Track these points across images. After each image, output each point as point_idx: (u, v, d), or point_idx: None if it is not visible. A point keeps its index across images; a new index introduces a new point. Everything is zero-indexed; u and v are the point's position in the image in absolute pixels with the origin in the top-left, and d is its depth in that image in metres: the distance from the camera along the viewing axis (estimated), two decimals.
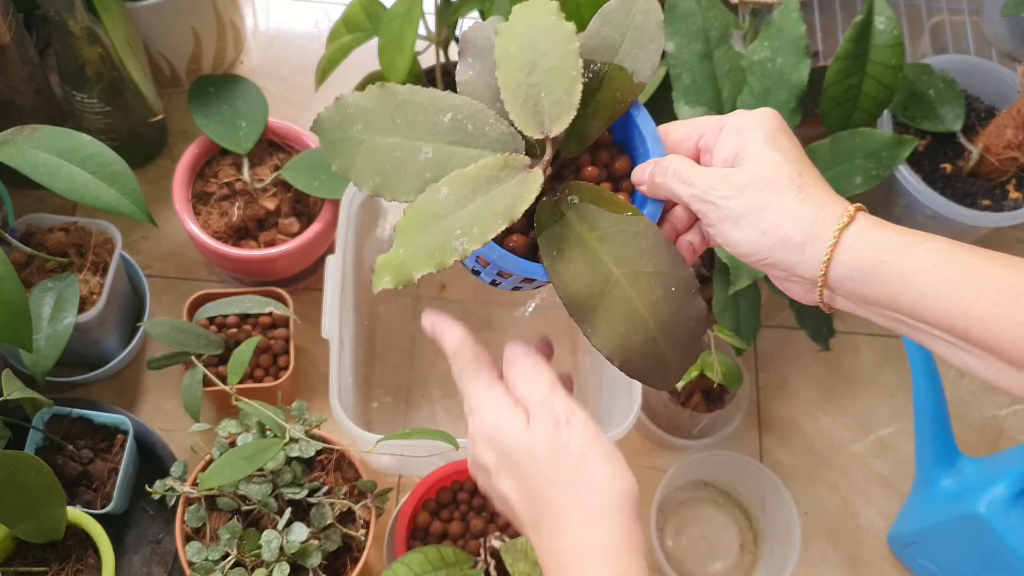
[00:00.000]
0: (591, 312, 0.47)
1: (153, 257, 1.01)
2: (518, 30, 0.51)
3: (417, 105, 0.49)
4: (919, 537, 0.89)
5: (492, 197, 0.46)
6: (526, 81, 0.49)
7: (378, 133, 0.49)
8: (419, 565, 0.66)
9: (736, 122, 0.48)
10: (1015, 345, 0.40)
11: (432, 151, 0.49)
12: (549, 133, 0.48)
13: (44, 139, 0.72)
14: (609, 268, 0.48)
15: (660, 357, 0.48)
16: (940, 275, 0.42)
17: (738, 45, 0.82)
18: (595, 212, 0.49)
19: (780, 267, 0.47)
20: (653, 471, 0.96)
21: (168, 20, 1.00)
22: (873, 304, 0.45)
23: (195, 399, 0.81)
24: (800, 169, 0.46)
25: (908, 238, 0.44)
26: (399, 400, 0.98)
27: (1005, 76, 0.96)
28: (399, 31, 0.81)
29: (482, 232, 0.44)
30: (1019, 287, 0.40)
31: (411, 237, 0.45)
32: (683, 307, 0.48)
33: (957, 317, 0.42)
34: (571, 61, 0.49)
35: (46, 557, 0.78)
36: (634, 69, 0.52)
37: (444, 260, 0.44)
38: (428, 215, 0.45)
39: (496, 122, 0.50)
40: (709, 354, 0.85)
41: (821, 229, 0.45)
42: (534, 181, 0.46)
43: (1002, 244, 1.12)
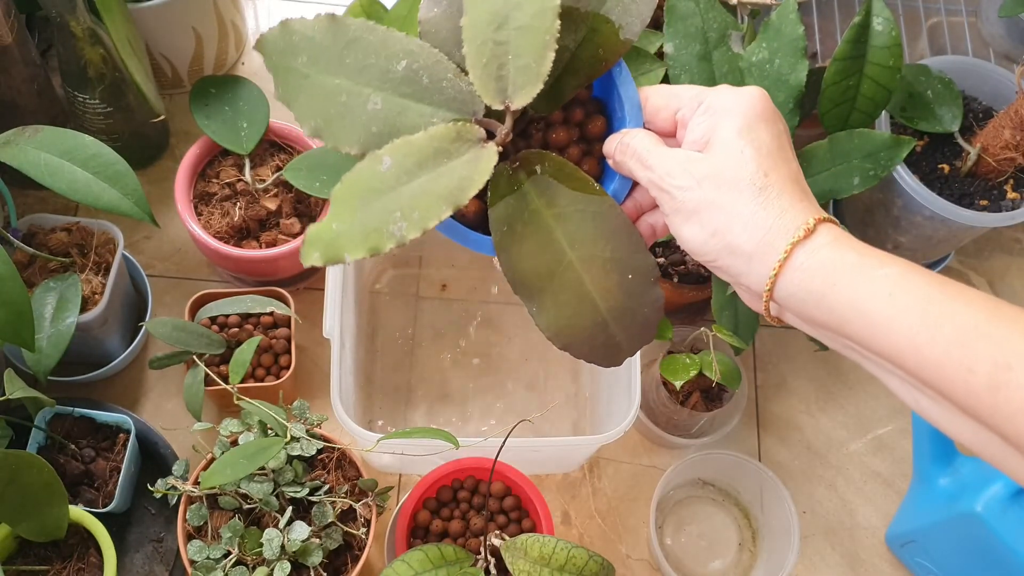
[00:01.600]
0: (538, 292, 0.44)
1: (155, 257, 1.02)
2: None
3: (369, 45, 0.44)
4: (917, 536, 0.89)
5: (439, 175, 0.41)
6: (493, 37, 0.43)
7: (324, 71, 0.44)
8: (419, 563, 0.67)
9: (715, 100, 0.44)
10: (967, 394, 0.36)
11: (381, 101, 0.44)
12: (511, 104, 0.43)
13: (46, 140, 0.72)
14: (563, 249, 0.44)
15: (610, 340, 0.45)
16: (895, 305, 0.38)
17: (737, 46, 0.82)
18: (555, 187, 0.45)
19: (726, 273, 0.43)
20: (652, 470, 0.97)
21: (170, 21, 1.00)
22: (821, 327, 0.41)
23: (197, 398, 0.82)
24: (768, 167, 0.42)
25: (868, 260, 0.39)
26: (399, 399, 0.99)
27: (1003, 77, 0.96)
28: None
29: (423, 217, 0.40)
30: (978, 329, 0.36)
31: (347, 212, 0.40)
32: (638, 294, 0.45)
33: (908, 353, 0.38)
34: (547, 21, 0.43)
35: (48, 556, 0.79)
36: (622, 23, 0.46)
37: (379, 246, 0.39)
38: (367, 188, 0.40)
39: (455, 78, 0.44)
40: (708, 353, 0.86)
41: (773, 240, 0.41)
42: (487, 160, 0.42)
43: (1000, 244, 1.13)
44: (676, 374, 0.85)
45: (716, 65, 0.81)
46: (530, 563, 0.65)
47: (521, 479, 0.80)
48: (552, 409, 0.99)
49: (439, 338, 1.02)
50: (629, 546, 0.93)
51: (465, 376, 1.00)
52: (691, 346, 0.92)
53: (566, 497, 0.95)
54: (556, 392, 1.00)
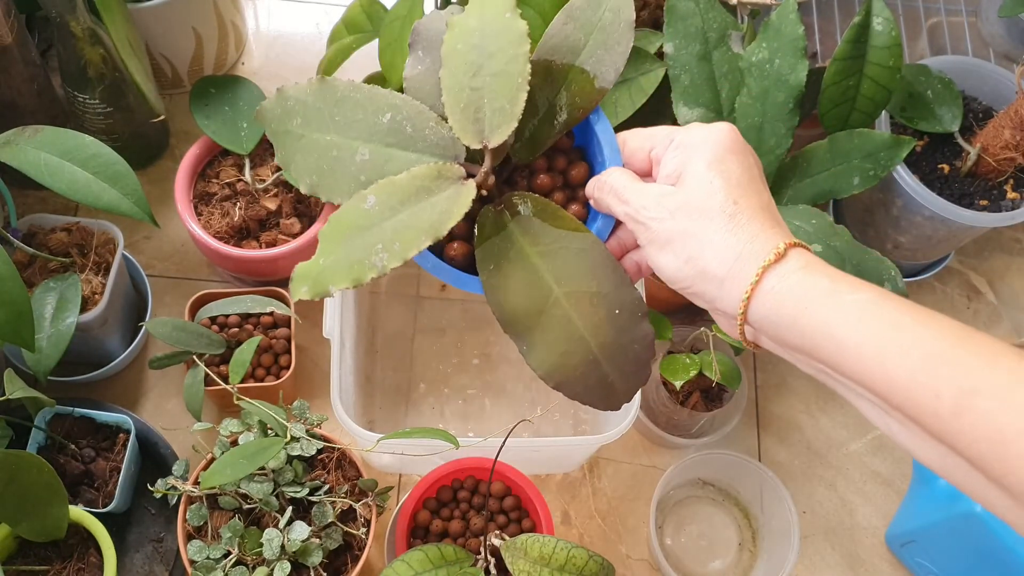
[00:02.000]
0: (527, 331, 0.45)
1: (155, 257, 1.02)
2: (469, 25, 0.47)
3: (356, 102, 0.47)
4: (917, 536, 0.89)
5: (419, 210, 0.43)
6: (469, 84, 0.46)
7: (316, 129, 0.47)
8: (419, 563, 0.67)
9: (685, 137, 0.46)
10: (934, 418, 0.37)
11: (369, 152, 0.46)
12: (488, 143, 0.45)
13: (46, 140, 0.72)
14: (549, 285, 0.45)
15: (603, 380, 0.46)
16: (864, 331, 0.39)
17: (737, 46, 0.82)
18: (539, 226, 0.46)
19: (702, 298, 0.45)
20: (652, 470, 0.97)
21: (170, 21, 1.01)
22: (795, 351, 0.42)
23: (197, 398, 0.82)
24: (738, 196, 0.43)
25: (839, 286, 0.40)
26: (399, 399, 0.99)
27: (1003, 77, 0.96)
28: (400, 32, 0.82)
29: (403, 249, 0.42)
30: (944, 355, 0.37)
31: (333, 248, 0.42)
32: (627, 330, 0.45)
33: (878, 377, 0.38)
34: (519, 66, 0.46)
35: (48, 556, 0.79)
36: (597, 73, 0.49)
37: (362, 276, 0.41)
38: (352, 225, 0.43)
39: (437, 125, 0.47)
40: (708, 353, 0.86)
41: (744, 265, 0.42)
42: (466, 196, 0.44)
43: (999, 244, 1.13)
44: (676, 374, 0.85)
45: (716, 65, 0.81)
46: (530, 563, 0.65)
47: (521, 479, 0.80)
48: (552, 409, 0.99)
49: (439, 338, 1.02)
50: (629, 546, 0.93)
51: (465, 376, 1.00)
52: (691, 346, 0.92)
53: (566, 497, 0.95)
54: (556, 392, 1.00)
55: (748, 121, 0.80)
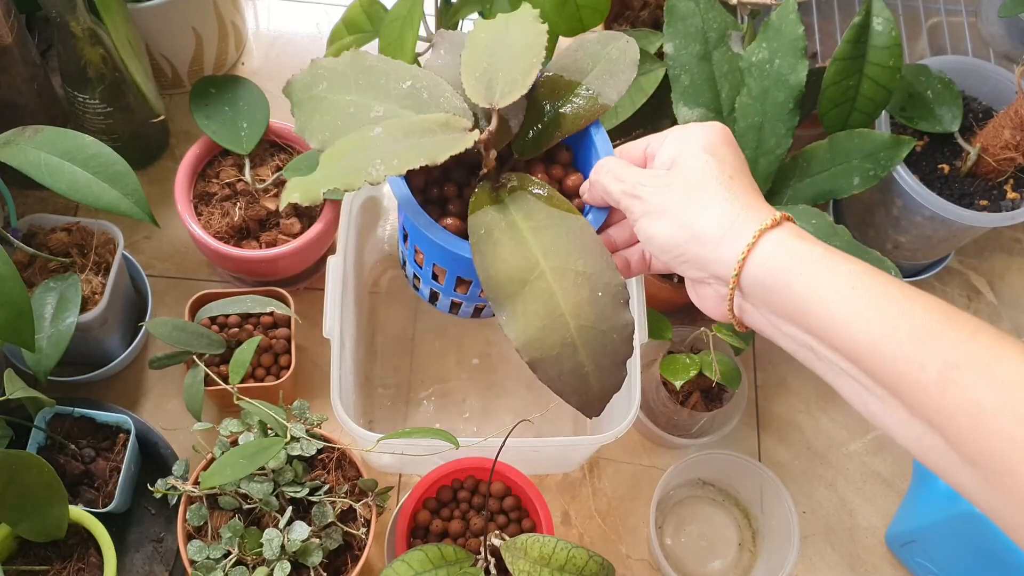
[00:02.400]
0: (509, 299, 0.46)
1: (155, 257, 1.02)
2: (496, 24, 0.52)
3: (381, 71, 0.50)
4: (917, 536, 0.89)
5: (422, 142, 0.45)
6: (487, 60, 0.50)
7: (338, 91, 0.50)
8: (419, 563, 0.67)
9: (681, 131, 0.48)
10: (916, 389, 0.38)
11: (384, 111, 0.49)
12: (496, 104, 0.48)
13: (46, 140, 0.72)
14: (536, 257, 0.46)
15: (578, 368, 0.46)
16: (856, 298, 0.40)
17: (737, 46, 0.82)
18: (533, 203, 0.48)
19: (694, 264, 0.45)
20: (652, 470, 0.97)
21: (170, 21, 1.01)
22: (784, 319, 0.43)
23: (197, 398, 0.82)
24: (732, 174, 0.45)
25: (832, 256, 0.42)
26: (399, 399, 0.99)
27: (1003, 77, 0.96)
28: (400, 32, 0.82)
29: (400, 162, 0.43)
30: (933, 329, 0.38)
31: (331, 163, 0.44)
32: (608, 315, 0.46)
33: (864, 347, 0.40)
34: (535, 50, 0.49)
35: (48, 556, 0.79)
36: (600, 92, 0.53)
37: (353, 181, 0.42)
38: (353, 146, 0.45)
39: (452, 96, 0.50)
40: (708, 354, 0.86)
41: (740, 228, 0.43)
42: (467, 140, 0.46)
43: (999, 244, 1.13)
44: (676, 374, 0.85)
45: (716, 65, 0.81)
46: (530, 563, 0.65)
47: (521, 479, 0.80)
48: (552, 409, 0.99)
49: (439, 338, 1.02)
50: (629, 546, 0.93)
51: (465, 376, 1.00)
52: (691, 346, 0.92)
53: (566, 497, 0.95)
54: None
55: (748, 121, 0.80)
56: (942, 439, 0.38)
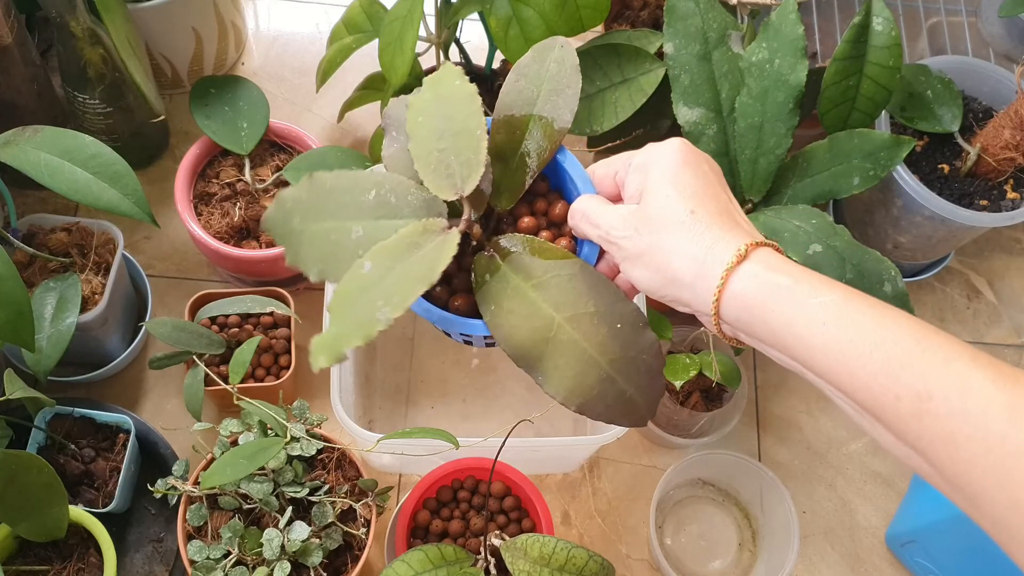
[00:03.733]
0: (538, 360, 0.47)
1: (155, 257, 1.02)
2: (426, 99, 0.52)
3: (343, 189, 0.51)
4: (917, 536, 0.89)
5: (411, 264, 0.46)
6: (436, 147, 0.50)
7: (313, 221, 0.50)
8: (419, 563, 0.67)
9: (641, 158, 0.49)
10: (896, 419, 0.39)
11: (362, 229, 0.50)
12: (463, 192, 0.49)
13: (46, 140, 0.72)
14: (550, 314, 0.48)
15: (621, 395, 0.47)
16: (828, 333, 0.40)
17: (736, 46, 0.82)
18: (528, 261, 0.49)
19: (680, 303, 0.47)
20: (652, 470, 0.97)
21: (170, 21, 1.01)
22: (770, 347, 0.44)
23: (197, 398, 0.82)
24: (694, 205, 0.45)
25: (801, 287, 0.42)
26: (399, 399, 0.99)
27: (1003, 77, 0.96)
28: (400, 32, 0.82)
29: (402, 299, 0.44)
30: (903, 359, 0.38)
31: (341, 316, 0.45)
32: (632, 342, 0.47)
33: (843, 379, 0.40)
34: (474, 121, 0.50)
35: (48, 556, 0.79)
36: (553, 116, 0.53)
37: (370, 332, 0.44)
38: (353, 291, 0.46)
39: (417, 191, 0.51)
40: (708, 354, 0.86)
41: (709, 269, 0.44)
42: (451, 242, 0.47)
43: (1000, 244, 1.13)
44: (676, 374, 0.85)
45: (716, 65, 0.81)
46: (530, 563, 0.65)
47: (521, 479, 0.80)
48: (552, 409, 0.99)
49: (439, 338, 1.02)
50: (629, 546, 0.93)
51: (465, 376, 1.00)
52: (691, 346, 0.92)
53: (566, 497, 0.95)
54: None
55: (748, 121, 0.80)
56: (927, 463, 0.39)
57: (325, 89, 1.00)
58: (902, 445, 0.40)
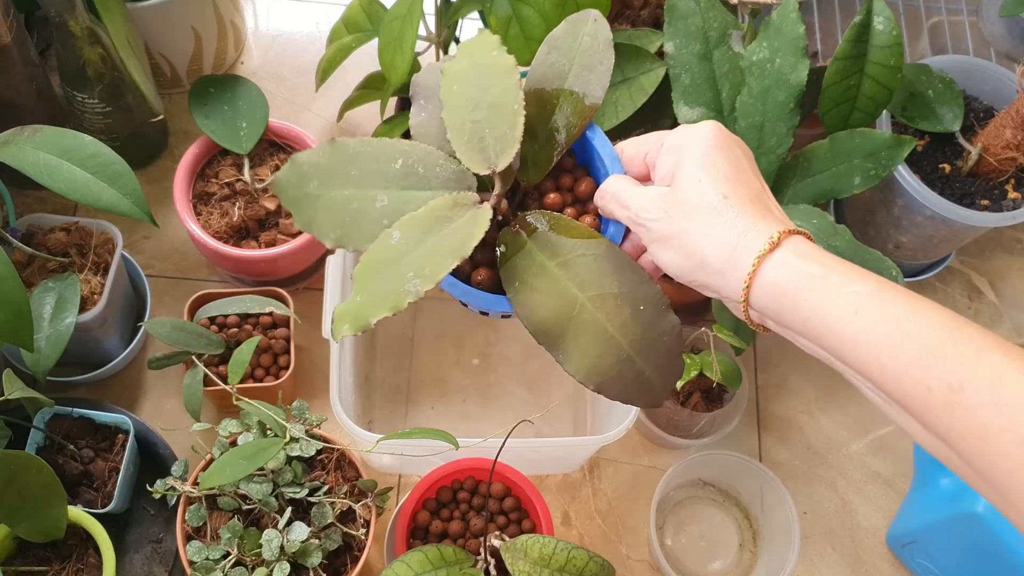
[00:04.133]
0: (559, 339, 0.47)
1: (154, 257, 1.02)
2: (461, 67, 0.51)
3: (368, 156, 0.50)
4: (918, 536, 0.89)
5: (442, 237, 0.46)
6: (470, 119, 0.49)
7: (334, 187, 0.49)
8: (419, 564, 0.66)
9: (674, 139, 0.48)
10: (926, 410, 0.39)
11: (387, 198, 0.49)
12: (496, 167, 0.48)
13: (45, 139, 0.72)
14: (573, 293, 0.47)
15: (639, 376, 0.47)
16: (860, 323, 0.40)
17: (737, 46, 0.82)
18: (555, 239, 0.49)
19: (708, 288, 0.46)
20: (652, 470, 0.96)
21: (169, 20, 1.00)
22: (799, 335, 0.44)
23: (196, 399, 0.81)
24: (727, 190, 0.45)
25: (833, 276, 0.42)
26: (399, 400, 0.98)
27: (1004, 76, 0.96)
28: (399, 32, 0.82)
29: (433, 272, 0.44)
30: (936, 350, 0.38)
31: (367, 284, 0.45)
32: (654, 324, 0.47)
33: (874, 368, 0.40)
34: (512, 95, 0.49)
35: (47, 556, 0.79)
36: (585, 92, 0.52)
37: (399, 303, 0.43)
38: (382, 261, 0.45)
39: (446, 162, 0.50)
40: (708, 354, 0.85)
41: (741, 256, 0.44)
42: (483, 217, 0.46)
43: (1001, 244, 1.13)
44: None
45: (717, 64, 0.81)
46: (530, 564, 0.65)
47: (521, 480, 0.80)
48: (552, 409, 0.99)
49: (439, 338, 1.02)
50: (629, 547, 0.93)
51: (465, 376, 1.00)
52: (692, 346, 0.92)
53: (566, 498, 0.95)
54: (556, 392, 1.00)
55: (749, 120, 0.80)
56: (956, 454, 0.39)
57: (324, 88, 1.00)
58: (931, 436, 0.40)
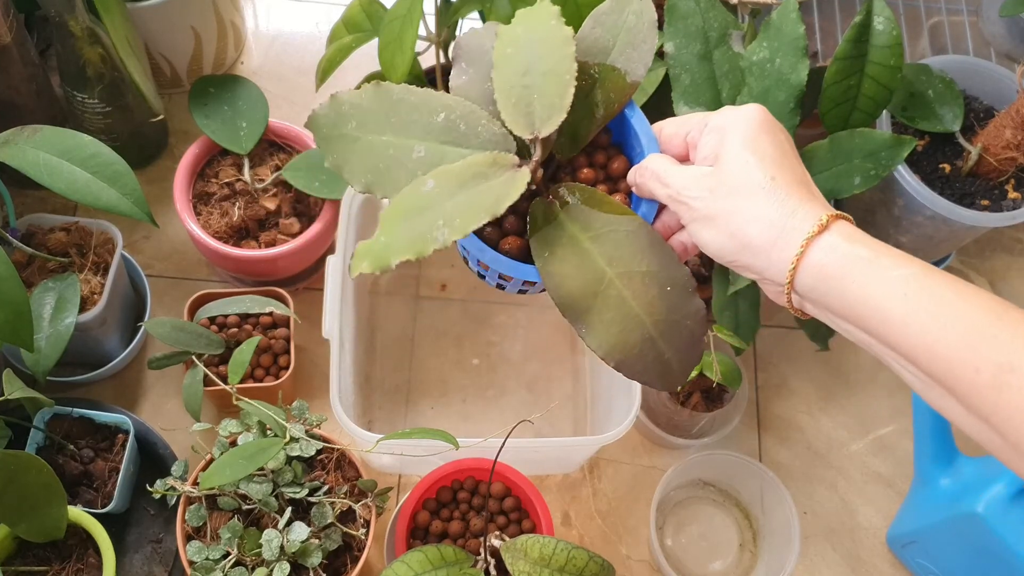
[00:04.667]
0: (584, 313, 0.47)
1: (154, 257, 1.02)
2: (517, 33, 0.50)
3: (411, 104, 0.49)
4: (918, 536, 0.89)
5: (477, 192, 0.46)
6: (520, 83, 0.49)
7: (372, 131, 0.49)
8: (419, 564, 0.66)
9: (719, 120, 0.48)
10: (973, 392, 0.39)
11: (425, 150, 0.49)
12: (539, 134, 0.48)
13: (45, 139, 0.72)
14: (602, 268, 0.47)
15: (659, 357, 0.47)
16: (909, 305, 0.40)
17: (737, 46, 0.82)
18: (588, 213, 0.49)
19: (750, 270, 0.46)
20: (652, 470, 0.96)
21: (169, 20, 1.00)
22: (841, 319, 0.44)
23: (196, 399, 0.81)
24: (774, 172, 0.45)
25: (883, 260, 0.42)
26: (399, 400, 0.98)
27: (1004, 76, 0.96)
28: (399, 32, 0.82)
29: (463, 223, 0.44)
30: (985, 331, 0.39)
31: (394, 226, 0.44)
32: (679, 306, 0.47)
33: (921, 350, 0.40)
34: (566, 65, 0.49)
35: (47, 556, 0.79)
36: (627, 69, 0.52)
37: (424, 249, 0.43)
38: (412, 206, 0.45)
39: (488, 123, 0.49)
40: (708, 354, 0.85)
41: (788, 237, 0.44)
42: (521, 180, 0.46)
43: (1001, 244, 1.13)
44: None
45: (716, 64, 0.81)
46: (530, 564, 0.65)
47: (521, 480, 0.80)
48: (552, 409, 0.99)
49: (439, 338, 1.02)
50: (629, 547, 0.93)
51: (465, 376, 1.00)
52: None
53: (566, 498, 0.95)
54: (556, 392, 1.00)
55: None
56: (1000, 436, 0.39)
57: (324, 88, 1.00)
58: (974, 419, 0.40)
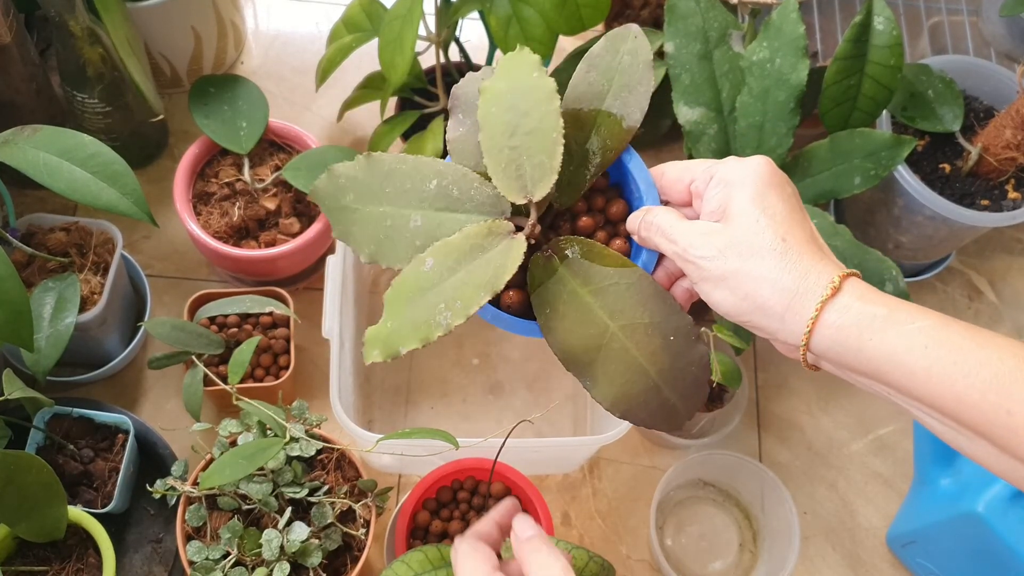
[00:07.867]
0: (588, 366, 0.47)
1: (154, 257, 1.02)
2: (500, 88, 0.50)
3: (403, 174, 0.50)
4: (918, 536, 0.89)
5: (475, 267, 0.46)
6: (508, 144, 0.48)
7: (369, 202, 0.50)
8: (419, 564, 0.66)
9: (725, 173, 0.47)
10: (1008, 433, 0.39)
11: (421, 219, 0.49)
12: (532, 197, 0.48)
13: (45, 139, 0.72)
14: (604, 321, 0.47)
15: (664, 403, 0.47)
16: (931, 356, 0.40)
17: (737, 46, 0.82)
18: (587, 266, 0.49)
19: (762, 330, 0.46)
20: (652, 471, 0.96)
21: (169, 20, 1.00)
22: (859, 375, 0.44)
23: (196, 398, 0.81)
24: (784, 232, 0.44)
25: (898, 315, 0.42)
26: (399, 400, 0.98)
27: (1004, 76, 0.96)
28: (399, 31, 0.82)
29: (464, 306, 0.44)
30: (1012, 374, 0.39)
31: (398, 310, 0.45)
32: (683, 354, 0.47)
33: (948, 399, 0.40)
34: (551, 121, 0.48)
35: (47, 556, 0.79)
36: (623, 114, 0.51)
37: (429, 335, 0.44)
38: (414, 288, 0.46)
39: (481, 185, 0.49)
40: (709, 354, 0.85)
41: (802, 301, 0.43)
42: (518, 248, 0.46)
43: (1001, 244, 1.13)
44: None
45: (716, 64, 0.81)
46: None
47: (521, 479, 0.80)
48: (552, 409, 0.99)
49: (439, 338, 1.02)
50: (629, 547, 0.93)
51: (465, 376, 1.00)
52: None
53: (566, 498, 0.95)
54: (556, 392, 1.00)
55: (749, 120, 0.80)
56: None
57: (324, 88, 1.00)
58: (1009, 459, 0.40)
